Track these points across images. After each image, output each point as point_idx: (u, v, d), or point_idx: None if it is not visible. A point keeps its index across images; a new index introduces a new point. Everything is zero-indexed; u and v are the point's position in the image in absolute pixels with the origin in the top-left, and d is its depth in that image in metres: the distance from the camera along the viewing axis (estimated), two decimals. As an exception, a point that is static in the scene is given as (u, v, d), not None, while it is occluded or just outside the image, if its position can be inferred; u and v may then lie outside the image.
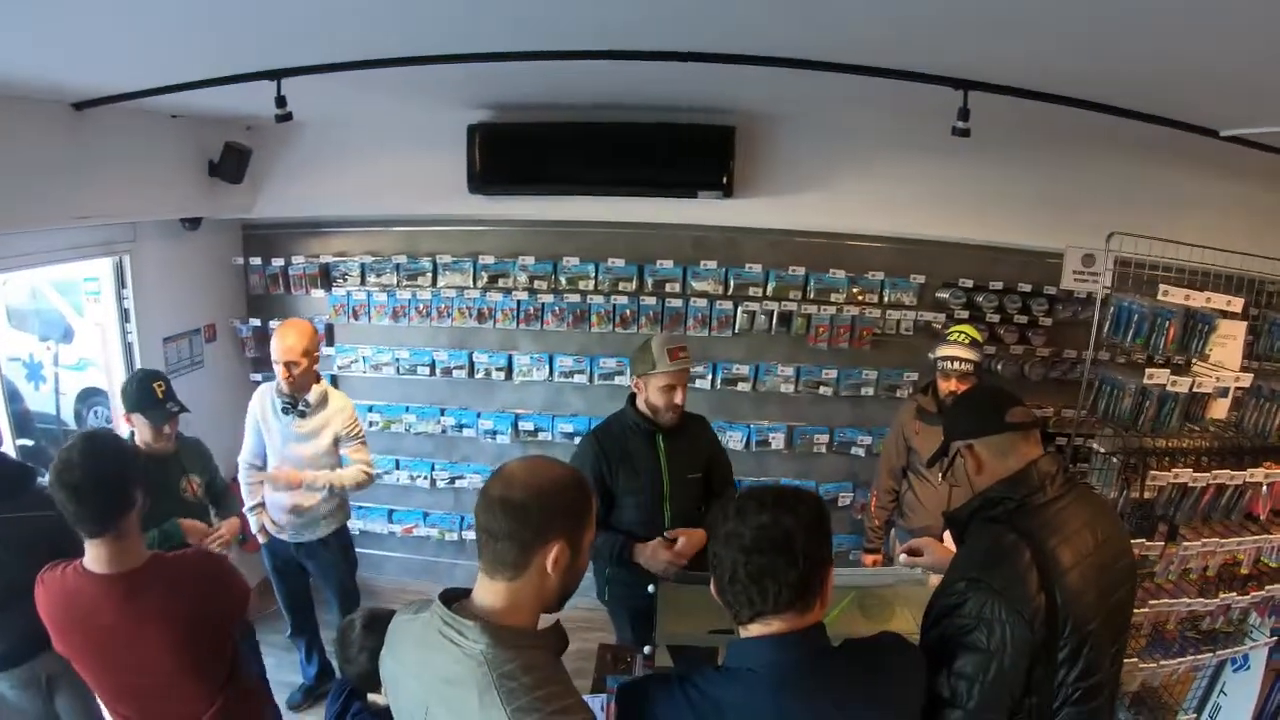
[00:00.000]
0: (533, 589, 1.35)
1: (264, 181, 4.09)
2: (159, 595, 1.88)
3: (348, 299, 4.27)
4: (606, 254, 4.11)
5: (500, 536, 1.33)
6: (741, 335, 4.16)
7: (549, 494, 1.35)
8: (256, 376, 4.43)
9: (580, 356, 4.23)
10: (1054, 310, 4.12)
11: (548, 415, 4.31)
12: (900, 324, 4.19)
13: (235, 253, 4.41)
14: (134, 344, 3.94)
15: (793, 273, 4.09)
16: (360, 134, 3.92)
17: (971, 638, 1.58)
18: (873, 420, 4.30)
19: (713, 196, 3.69)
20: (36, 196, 3.05)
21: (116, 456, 1.87)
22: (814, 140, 3.69)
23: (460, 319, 4.21)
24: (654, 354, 2.79)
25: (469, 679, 1.28)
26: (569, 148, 3.67)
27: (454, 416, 4.33)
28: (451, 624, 1.34)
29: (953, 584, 1.67)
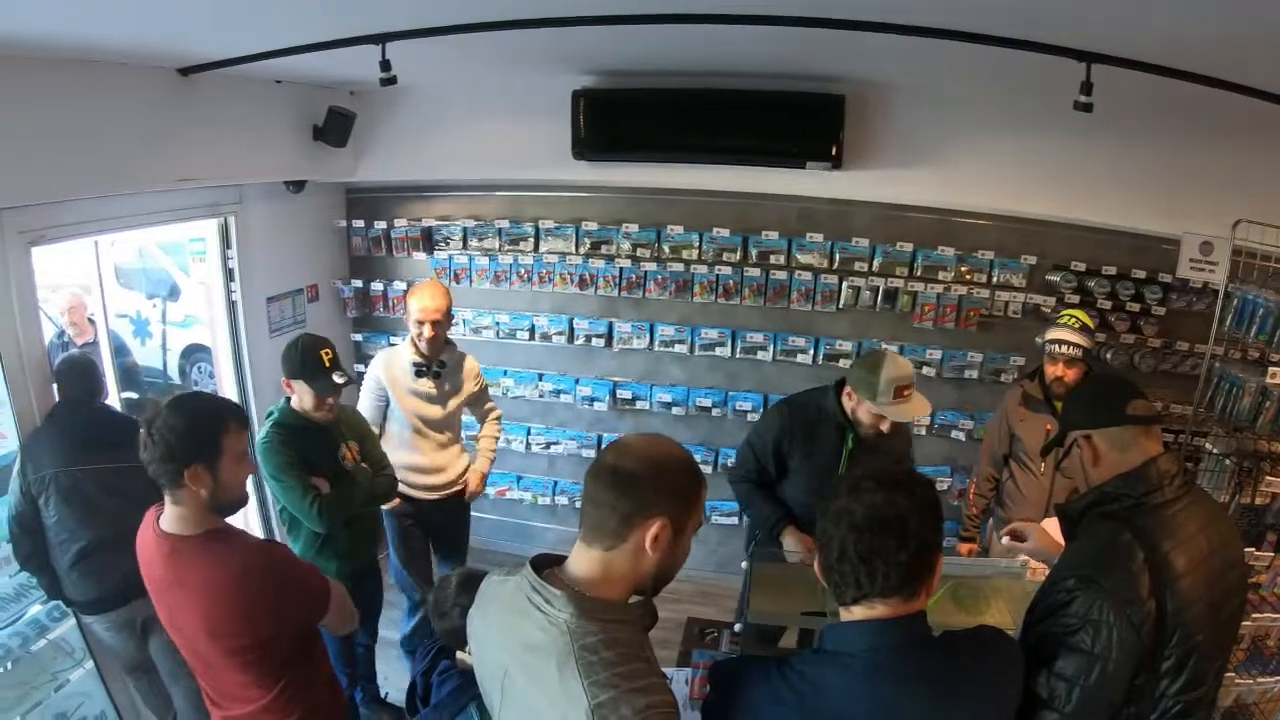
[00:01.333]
0: (628, 563, 1.34)
1: (367, 146, 4.14)
2: (201, 568, 1.88)
3: (449, 262, 4.32)
4: (711, 223, 4.06)
5: (603, 504, 1.32)
6: (845, 311, 4.07)
7: (660, 469, 1.34)
8: (358, 336, 4.53)
9: (681, 326, 4.20)
10: (1168, 299, 3.93)
11: (646, 384, 4.30)
12: (1008, 306, 4.04)
13: (338, 215, 4.49)
14: (238, 303, 4.06)
15: (900, 248, 3.98)
16: (464, 99, 3.94)
17: (1076, 638, 1.52)
18: (975, 404, 4.18)
19: (821, 168, 3.61)
20: (144, 159, 3.14)
21: (183, 428, 1.83)
22: (926, 112, 3.58)
23: (562, 285, 4.22)
24: (879, 384, 2.58)
25: (550, 647, 1.28)
26: (674, 115, 3.62)
27: (552, 382, 4.36)
28: (539, 590, 1.33)
29: (1062, 580, 1.60)
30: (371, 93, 4.01)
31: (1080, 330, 3.15)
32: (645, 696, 1.22)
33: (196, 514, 1.88)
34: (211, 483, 1.85)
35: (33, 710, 3.02)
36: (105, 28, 2.41)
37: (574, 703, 1.22)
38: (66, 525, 2.88)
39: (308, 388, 2.73)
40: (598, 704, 1.20)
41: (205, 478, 1.83)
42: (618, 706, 1.20)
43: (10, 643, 2.98)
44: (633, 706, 1.20)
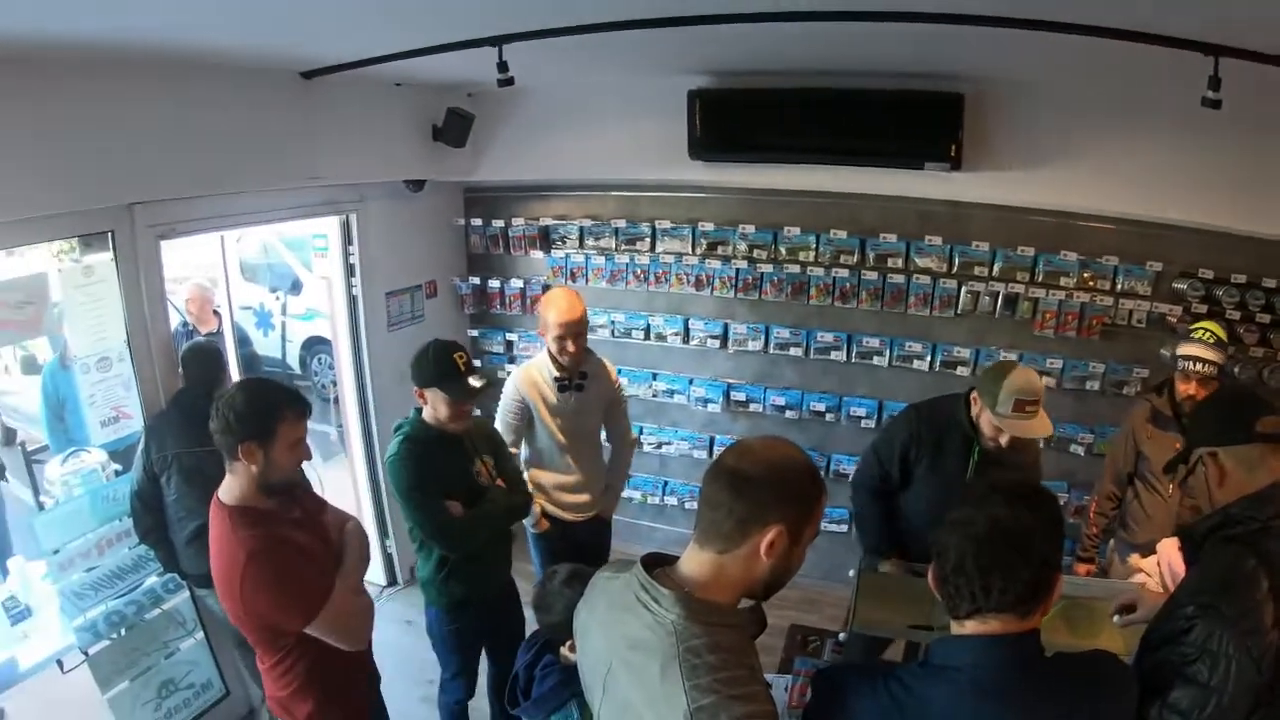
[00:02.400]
0: (741, 568, 1.32)
1: (486, 146, 4.25)
2: (219, 536, 2.03)
3: (566, 261, 4.40)
4: (828, 225, 4.04)
5: (719, 506, 1.30)
6: (964, 316, 3.99)
7: (781, 475, 1.32)
8: (474, 332, 4.66)
9: (797, 329, 4.18)
10: None
11: (760, 386, 4.30)
12: (1132, 314, 3.90)
13: (457, 214, 4.63)
14: (358, 297, 4.21)
15: (1021, 253, 3.88)
16: (580, 100, 4.01)
17: (1192, 669, 1.44)
18: (1095, 417, 4.04)
19: (940, 168, 3.55)
20: (270, 159, 3.32)
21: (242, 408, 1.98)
22: (1048, 111, 3.49)
23: (678, 285, 4.26)
24: (1001, 394, 2.55)
25: (655, 647, 1.27)
26: (791, 114, 3.62)
27: (666, 382, 4.40)
28: (648, 589, 1.33)
29: (1180, 607, 1.53)
30: (489, 94, 4.11)
31: (1215, 345, 3.03)
32: (745, 705, 1.21)
33: (246, 488, 2.03)
34: (263, 461, 1.99)
35: (142, 675, 3.20)
36: (230, 35, 2.53)
37: (673, 705, 1.22)
38: (185, 503, 3.04)
39: (442, 394, 2.54)
40: (697, 708, 1.20)
41: (258, 455, 1.98)
42: (717, 713, 1.19)
43: (126, 610, 3.16)
44: (731, 714, 1.19)
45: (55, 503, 3.14)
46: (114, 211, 2.97)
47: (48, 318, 2.93)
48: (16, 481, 4.57)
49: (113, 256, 3.02)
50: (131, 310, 3.10)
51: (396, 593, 4.56)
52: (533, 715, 2.16)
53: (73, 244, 3.12)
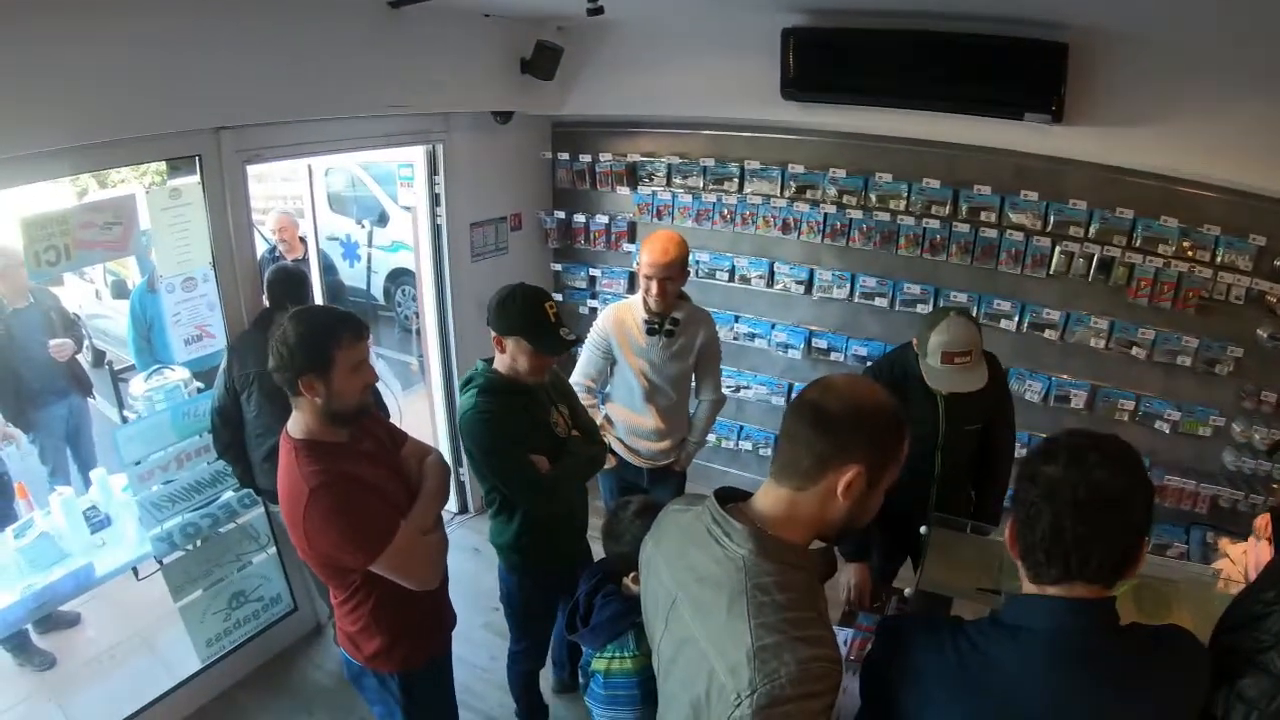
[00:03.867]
0: (816, 506, 1.29)
1: (574, 80, 4.26)
2: (286, 471, 2.00)
3: (653, 198, 4.40)
4: (921, 174, 3.95)
5: (799, 442, 1.28)
6: (1056, 277, 3.88)
7: (864, 414, 1.28)
8: (557, 266, 4.70)
9: (883, 279, 4.11)
10: None
11: (843, 335, 4.25)
12: (1230, 290, 3.74)
13: (544, 147, 4.66)
14: (442, 227, 4.28)
15: (1120, 215, 3.75)
16: (671, 35, 3.96)
17: (1265, 657, 1.36)
18: (1183, 394, 3.91)
19: (1040, 120, 3.44)
20: (355, 86, 3.36)
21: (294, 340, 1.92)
22: (1158, 66, 3.33)
23: (764, 227, 4.22)
24: (930, 344, 2.51)
25: (723, 581, 1.26)
26: (886, 57, 3.54)
27: (747, 325, 4.38)
28: (720, 523, 1.31)
29: (1261, 592, 1.44)
30: (579, 27, 4.11)
31: None
32: (810, 648, 1.19)
33: (313, 421, 2.00)
34: (325, 392, 1.94)
35: (214, 585, 3.34)
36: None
37: (737, 641, 1.20)
38: (264, 420, 3.13)
39: (528, 346, 2.37)
40: (760, 646, 1.18)
41: (319, 387, 1.93)
42: (780, 653, 1.17)
43: (201, 523, 3.29)
44: (796, 656, 1.17)
45: (138, 417, 3.28)
46: (202, 135, 3.03)
47: (135, 238, 2.99)
48: (103, 400, 4.79)
49: (200, 180, 3.10)
50: (217, 232, 3.19)
51: (467, 520, 4.66)
52: (590, 643, 2.17)
53: (161, 167, 3.23)
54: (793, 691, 1.16)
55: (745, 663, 1.17)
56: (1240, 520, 3.98)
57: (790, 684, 1.15)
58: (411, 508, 2.13)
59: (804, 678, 1.16)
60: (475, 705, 3.34)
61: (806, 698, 1.17)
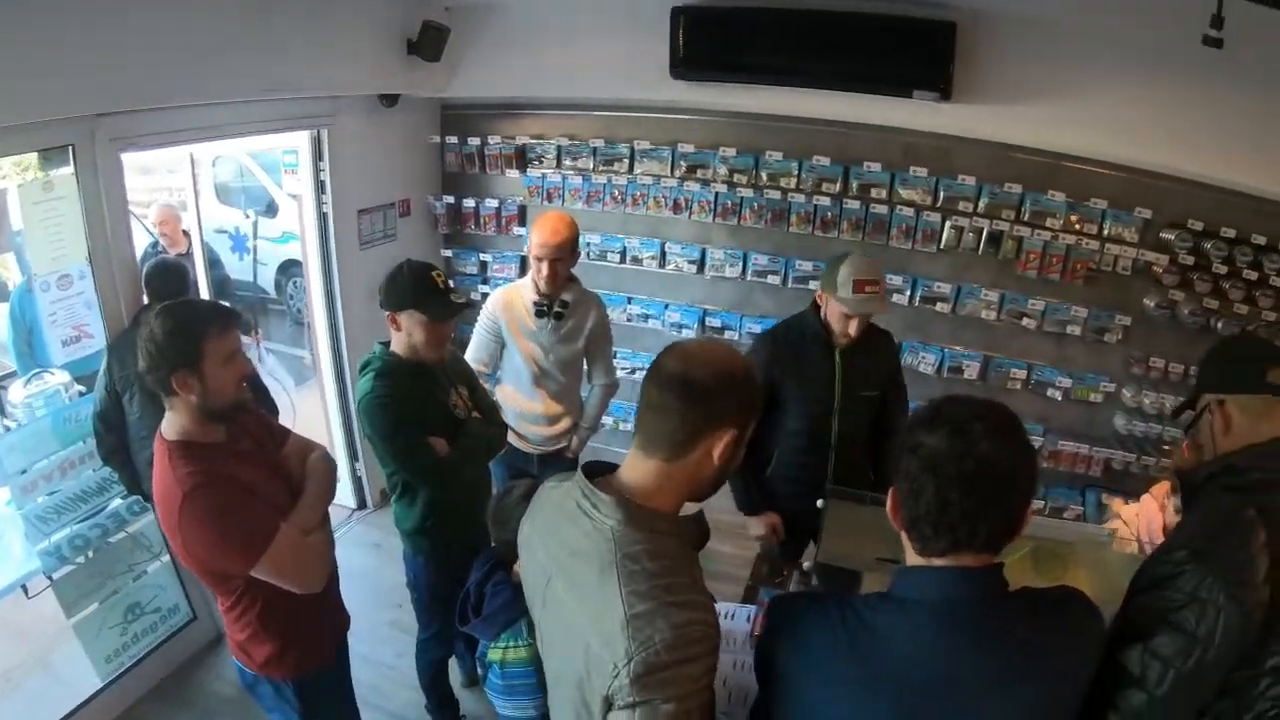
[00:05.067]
0: (687, 474, 1.30)
1: (461, 61, 4.16)
2: (160, 476, 1.92)
3: (543, 181, 4.31)
4: (811, 152, 3.94)
5: (670, 414, 1.26)
6: (946, 252, 3.92)
7: (733, 380, 1.29)
8: (448, 252, 4.57)
9: (775, 256, 4.10)
10: None
11: (736, 314, 4.24)
12: (1118, 261, 3.84)
13: (432, 131, 4.52)
14: (329, 215, 4.14)
15: (1008, 190, 3.80)
16: (560, 14, 3.90)
17: (1179, 616, 1.37)
18: (1073, 362, 4.01)
19: (929, 98, 3.47)
20: (237, 69, 3.19)
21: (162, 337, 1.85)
22: (1044, 45, 3.40)
23: (655, 208, 4.17)
24: (840, 277, 2.55)
25: (594, 553, 1.25)
26: (777, 35, 3.53)
27: (640, 306, 4.33)
28: (589, 496, 1.30)
29: (1173, 552, 1.45)
30: (467, 7, 4.02)
31: None
32: (684, 612, 1.19)
33: (188, 420, 1.92)
34: (200, 388, 1.87)
35: (110, 598, 3.20)
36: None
37: (611, 611, 1.19)
38: (147, 423, 2.97)
39: (422, 316, 2.35)
40: (634, 614, 1.17)
41: (193, 383, 1.86)
42: (653, 619, 1.17)
43: (91, 534, 3.13)
44: (669, 621, 1.17)
45: (18, 425, 3.08)
46: (74, 123, 2.86)
47: (8, 236, 2.89)
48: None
49: (73, 171, 2.93)
50: (93, 226, 3.02)
51: (366, 516, 4.52)
52: (483, 633, 2.13)
53: (32, 159, 3.02)
54: (668, 657, 1.16)
55: (620, 632, 1.17)
56: (1132, 481, 4.10)
57: (665, 649, 1.15)
58: (294, 508, 2.06)
59: (679, 642, 1.16)
60: (383, 705, 3.26)
61: (684, 662, 1.17)
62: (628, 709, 1.17)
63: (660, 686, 1.16)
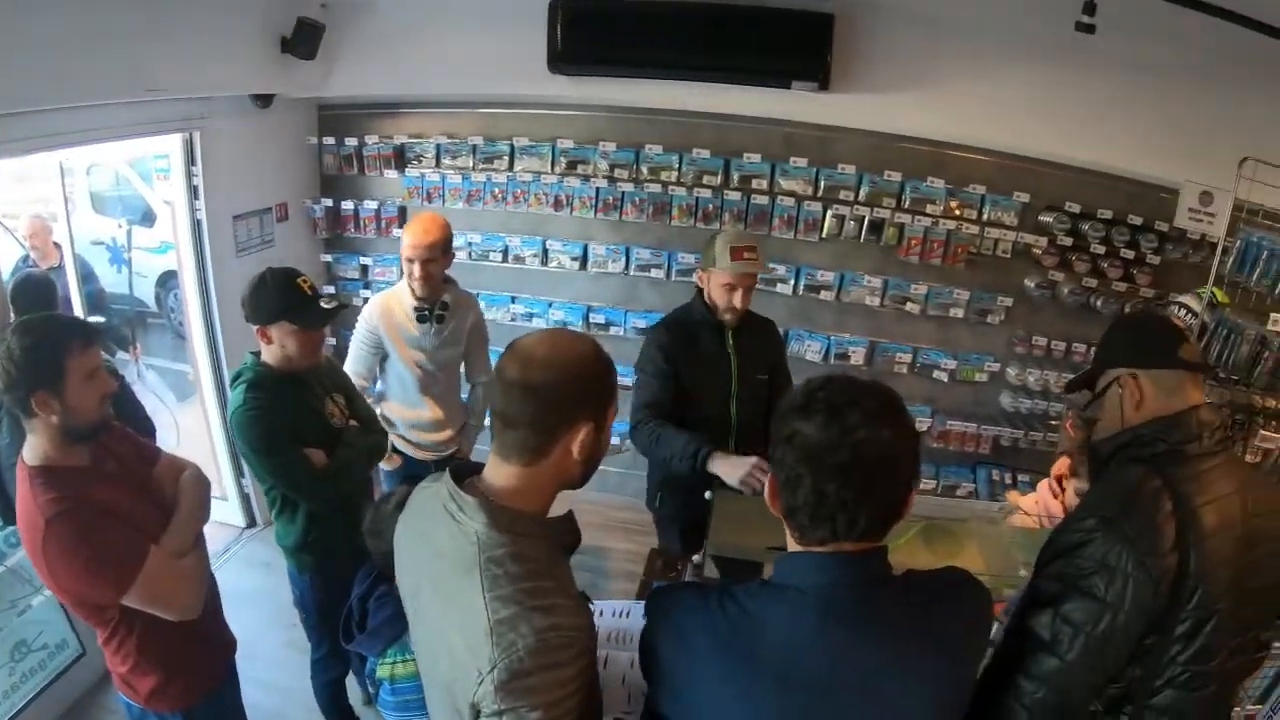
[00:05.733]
0: (551, 474, 1.27)
1: (338, 59, 4.02)
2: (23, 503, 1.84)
3: (421, 181, 4.20)
4: (691, 145, 3.94)
5: (521, 424, 1.22)
6: (828, 240, 3.96)
7: (576, 372, 1.24)
8: (328, 257, 4.43)
9: (658, 250, 4.09)
10: (1163, 249, 3.83)
11: (621, 309, 4.21)
12: (998, 244, 3.95)
13: (309, 132, 4.37)
14: (202, 221, 3.96)
15: (888, 178, 3.87)
16: (438, 9, 3.80)
17: (1089, 582, 1.42)
18: (958, 344, 4.12)
19: (807, 88, 3.51)
20: (104, 69, 3.02)
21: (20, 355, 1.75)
22: (921, 35, 3.46)
23: (536, 205, 4.11)
24: (716, 250, 2.60)
25: (458, 557, 1.22)
26: (655, 28, 3.51)
27: (524, 305, 4.27)
28: (454, 498, 1.26)
29: (1081, 520, 1.49)
30: (342, 4, 3.87)
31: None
32: (549, 617, 1.16)
33: (49, 444, 1.83)
34: (61, 408, 1.79)
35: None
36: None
37: (474, 617, 1.16)
38: (17, 447, 2.78)
39: (293, 326, 2.26)
40: (498, 620, 1.14)
41: (54, 403, 1.78)
42: (517, 624, 1.14)
43: None
44: (533, 626, 1.14)
45: None
46: None
47: None
48: None
49: None
50: None
51: (256, 534, 4.36)
52: (368, 649, 2.06)
53: None
54: (532, 663, 1.13)
55: (483, 638, 1.14)
56: (1022, 456, 4.23)
57: (529, 655, 1.13)
58: (166, 530, 1.97)
59: (542, 648, 1.13)
60: (283, 729, 3.17)
61: (549, 668, 1.14)
62: (494, 716, 1.14)
63: (525, 694, 1.13)
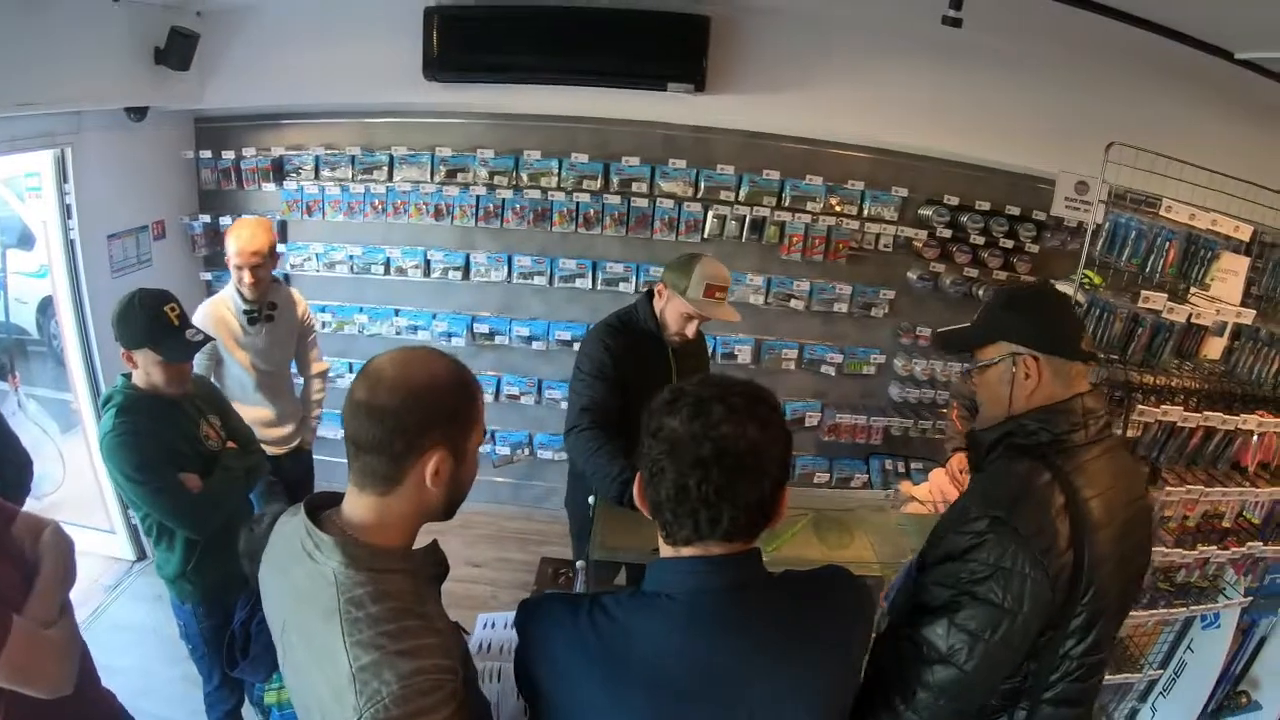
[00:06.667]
0: (408, 504, 1.20)
1: (213, 69, 3.92)
2: None
3: (300, 194, 4.13)
4: (570, 149, 3.96)
5: (369, 447, 1.16)
6: (710, 241, 4.02)
7: (424, 395, 1.17)
8: (208, 275, 4.33)
9: (540, 257, 4.10)
10: (1041, 237, 3.99)
11: (505, 318, 4.20)
12: (879, 239, 4.07)
13: (186, 146, 4.26)
14: (76, 241, 3.81)
15: (767, 177, 3.95)
16: (313, 18, 3.75)
17: (984, 588, 1.36)
18: (844, 338, 4.24)
19: (684, 90, 3.56)
20: None
21: None
22: (796, 35, 3.54)
23: (416, 215, 4.08)
24: (691, 280, 2.54)
25: (317, 599, 1.15)
26: (531, 33, 3.52)
27: (408, 317, 4.23)
28: (310, 535, 1.19)
29: (969, 520, 1.42)
30: (219, 12, 3.79)
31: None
32: (412, 661, 1.10)
33: None
34: None
35: None
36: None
37: (337, 664, 1.10)
38: None
39: (156, 356, 2.23)
40: (360, 667, 1.08)
41: None
42: (380, 671, 1.08)
43: None
44: (397, 672, 1.08)
45: None
46: None
47: None
48: None
49: None
50: None
51: (147, 566, 4.22)
52: (252, 675, 1.96)
53: None
54: (399, 711, 1.07)
55: (347, 686, 1.08)
56: (913, 445, 4.36)
57: (395, 703, 1.06)
58: (27, 598, 1.78)
59: (408, 695, 1.07)
60: (182, 768, 3.06)
61: (415, 715, 1.08)
62: None
63: None
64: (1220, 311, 2.45)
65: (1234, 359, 2.54)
